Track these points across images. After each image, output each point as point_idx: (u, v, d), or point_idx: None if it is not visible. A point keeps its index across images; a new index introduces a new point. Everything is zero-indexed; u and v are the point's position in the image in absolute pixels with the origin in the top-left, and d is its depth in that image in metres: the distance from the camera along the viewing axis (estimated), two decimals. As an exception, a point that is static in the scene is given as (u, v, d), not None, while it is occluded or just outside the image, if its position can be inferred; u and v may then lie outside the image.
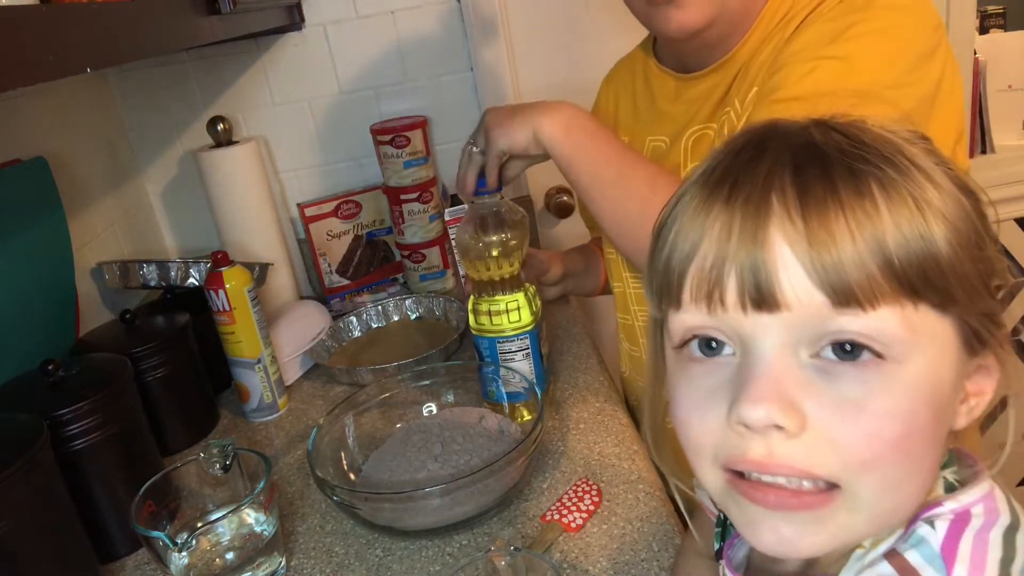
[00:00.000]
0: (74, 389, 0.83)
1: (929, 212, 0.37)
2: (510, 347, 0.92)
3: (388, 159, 1.35)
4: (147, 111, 1.38)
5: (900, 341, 0.37)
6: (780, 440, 0.38)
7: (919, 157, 0.39)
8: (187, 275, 1.13)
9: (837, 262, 0.36)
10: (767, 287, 0.37)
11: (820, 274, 0.36)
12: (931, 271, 0.37)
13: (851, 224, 0.36)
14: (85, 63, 0.52)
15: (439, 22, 1.38)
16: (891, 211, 0.37)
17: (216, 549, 0.76)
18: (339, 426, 0.91)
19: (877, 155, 0.38)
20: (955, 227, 0.38)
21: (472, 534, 0.79)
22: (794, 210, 0.37)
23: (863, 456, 0.37)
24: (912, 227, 0.37)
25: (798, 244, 0.37)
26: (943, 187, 0.39)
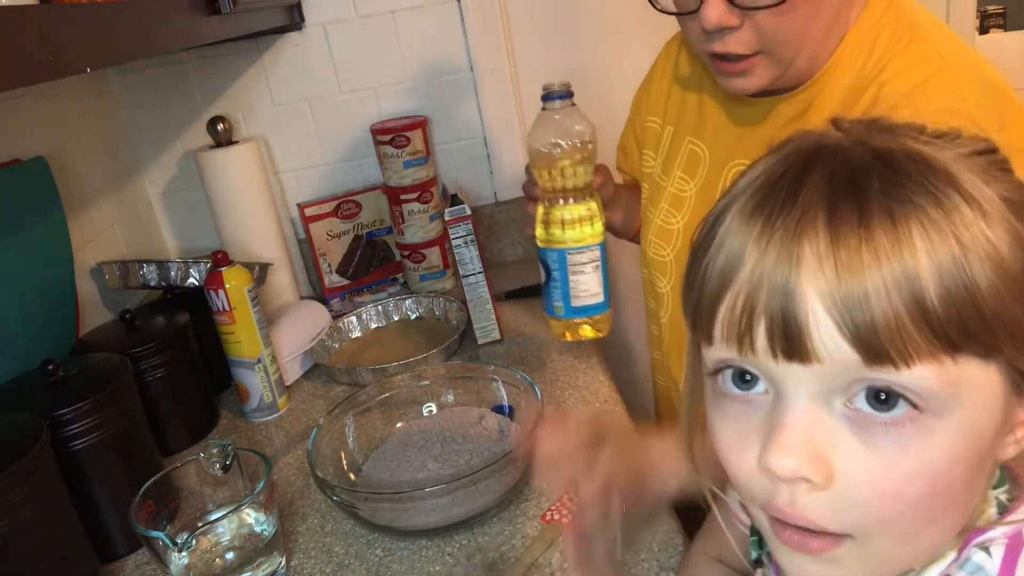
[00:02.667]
0: (74, 389, 0.83)
1: (974, 256, 0.35)
2: (580, 259, 0.85)
3: (388, 159, 1.35)
4: (147, 111, 1.38)
5: (938, 395, 0.35)
6: (805, 491, 0.38)
7: (972, 184, 0.36)
8: (187, 275, 1.13)
9: (869, 321, 0.35)
10: (797, 340, 0.36)
11: (852, 331, 0.35)
12: (973, 323, 0.35)
13: (886, 277, 0.35)
14: (85, 63, 0.52)
15: (439, 22, 1.38)
16: (931, 259, 0.35)
17: (216, 549, 0.76)
18: (339, 426, 0.91)
19: (922, 192, 0.36)
20: (1005, 269, 0.35)
21: (472, 534, 0.79)
22: (827, 261, 0.35)
23: (884, 515, 0.37)
24: (954, 277, 0.35)
25: (828, 299, 0.35)
26: (995, 218, 0.36)
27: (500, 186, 1.50)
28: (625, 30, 1.47)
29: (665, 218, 0.94)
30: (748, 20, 0.71)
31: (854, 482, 0.37)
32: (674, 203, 0.93)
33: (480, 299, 1.16)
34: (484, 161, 1.48)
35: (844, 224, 0.35)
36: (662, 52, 1.01)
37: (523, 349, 1.16)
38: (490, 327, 1.18)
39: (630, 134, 1.06)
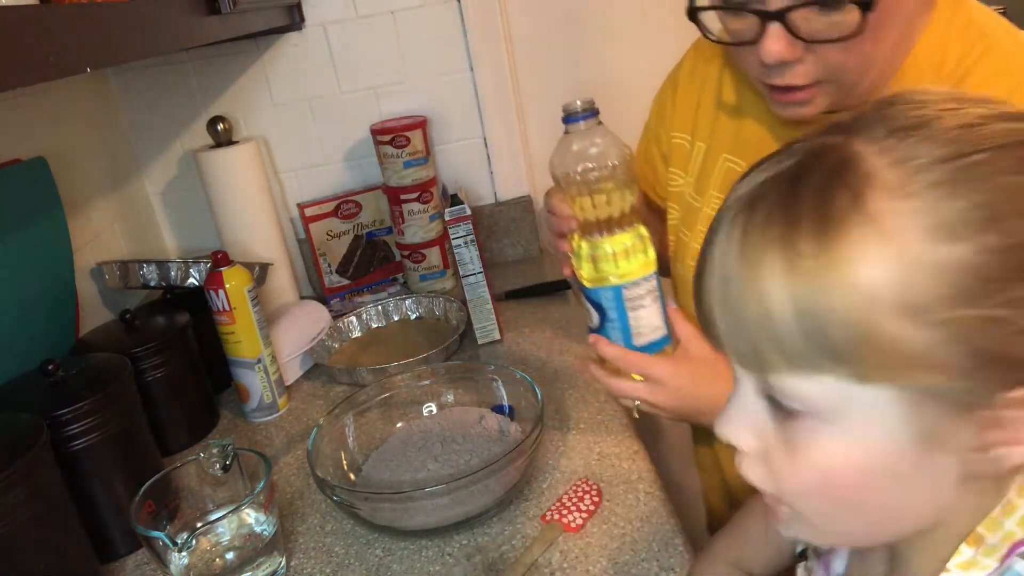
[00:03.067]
0: (74, 389, 0.83)
1: (836, 284, 0.36)
2: (637, 292, 0.74)
3: (388, 159, 1.35)
4: (147, 111, 1.38)
5: (815, 404, 0.39)
6: (743, 456, 0.44)
7: (886, 206, 0.36)
8: (187, 275, 1.13)
9: (736, 332, 0.40)
10: (714, 339, 0.43)
11: (729, 341, 0.41)
12: (826, 347, 0.37)
13: (750, 294, 0.39)
14: (85, 63, 0.52)
15: (439, 22, 1.38)
16: (787, 283, 0.37)
17: (216, 549, 0.76)
18: (339, 426, 0.91)
19: (811, 214, 0.37)
20: (872, 298, 0.36)
21: (472, 534, 0.79)
22: (719, 271, 0.41)
23: (791, 492, 0.42)
24: (808, 304, 0.37)
25: (718, 306, 0.41)
26: (886, 243, 0.36)
27: (500, 186, 1.50)
28: (626, 29, 1.47)
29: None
30: (811, 52, 0.65)
31: (769, 459, 0.42)
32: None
33: (480, 299, 1.16)
34: (484, 161, 1.48)
35: (749, 237, 0.39)
36: (685, 62, 0.93)
37: (523, 349, 1.16)
38: (490, 327, 1.18)
39: (654, 149, 0.97)
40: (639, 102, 1.51)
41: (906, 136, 0.38)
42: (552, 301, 1.30)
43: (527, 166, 1.50)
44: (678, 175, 0.91)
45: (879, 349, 0.36)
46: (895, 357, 0.36)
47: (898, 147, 0.37)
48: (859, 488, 0.40)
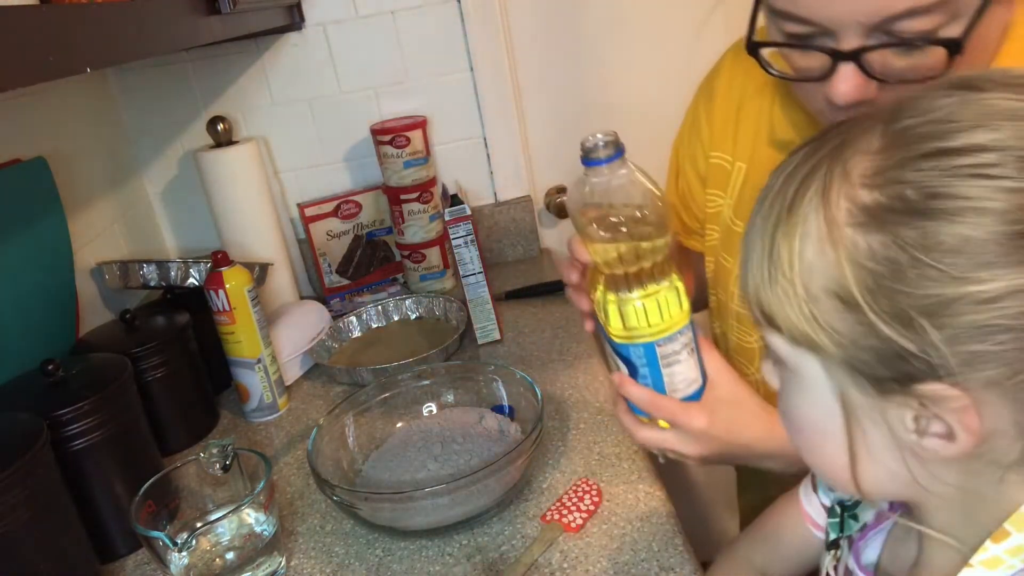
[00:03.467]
0: (74, 389, 0.83)
1: (780, 261, 0.42)
2: (673, 347, 0.66)
3: (388, 159, 1.35)
4: (147, 111, 1.38)
5: (783, 356, 0.45)
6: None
7: (836, 200, 0.41)
8: (187, 275, 1.13)
9: (744, 294, 0.47)
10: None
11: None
12: (765, 309, 0.44)
13: (743, 263, 0.46)
14: (85, 63, 0.52)
15: (439, 22, 1.38)
16: (758, 253, 0.44)
17: (216, 549, 0.76)
18: (339, 426, 0.91)
19: (798, 195, 0.42)
20: (790, 276, 0.42)
21: (472, 534, 0.79)
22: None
23: (783, 426, 0.50)
24: (760, 273, 0.44)
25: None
26: (824, 237, 0.41)
27: (500, 186, 1.50)
28: (626, 29, 1.47)
29: None
30: (886, 89, 0.59)
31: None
32: None
33: (480, 299, 1.16)
34: (484, 161, 1.48)
35: (759, 200, 0.46)
36: (719, 81, 0.87)
37: (523, 349, 1.16)
38: (490, 327, 1.18)
39: (689, 172, 0.92)
40: (639, 102, 1.52)
41: (897, 147, 0.41)
42: (552, 301, 1.30)
43: (527, 166, 1.50)
44: (717, 195, 0.87)
45: (801, 321, 0.42)
46: (812, 331, 0.42)
47: (887, 152, 0.40)
48: (809, 436, 0.47)
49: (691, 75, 1.50)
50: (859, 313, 0.39)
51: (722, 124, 0.86)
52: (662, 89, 1.51)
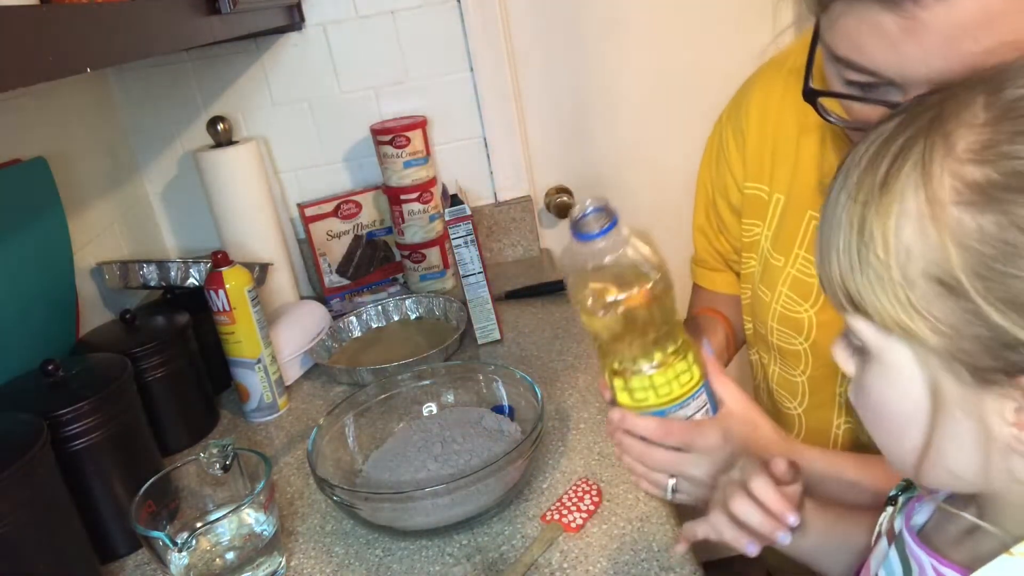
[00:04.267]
0: (74, 389, 0.83)
1: (869, 244, 0.40)
2: (685, 412, 0.64)
3: (388, 159, 1.35)
4: (147, 111, 1.38)
5: (869, 342, 0.43)
6: (851, 381, 0.48)
7: (937, 179, 0.38)
8: (187, 275, 1.13)
9: (820, 270, 0.44)
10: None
11: (822, 280, 0.45)
12: (852, 295, 0.41)
13: (826, 232, 0.43)
14: (85, 63, 0.52)
15: (439, 22, 1.38)
16: (841, 236, 0.41)
17: (216, 549, 0.76)
18: (339, 426, 0.91)
19: (886, 175, 0.40)
20: (887, 261, 0.39)
21: (472, 534, 0.79)
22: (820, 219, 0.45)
23: (860, 414, 0.47)
24: (848, 257, 0.41)
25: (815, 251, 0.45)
26: (926, 215, 0.38)
27: (500, 186, 1.50)
28: (626, 30, 1.47)
29: (787, 304, 0.81)
30: None
31: (854, 385, 0.47)
32: (798, 288, 0.79)
33: (480, 299, 1.16)
34: (484, 161, 1.48)
35: (842, 177, 0.43)
36: (751, 112, 0.84)
37: (523, 349, 1.16)
38: (490, 327, 1.18)
39: (721, 202, 0.90)
40: (639, 102, 1.52)
41: (1006, 121, 0.38)
42: (552, 301, 1.30)
43: (527, 166, 1.50)
44: (755, 224, 0.85)
45: (895, 307, 0.39)
46: (908, 318, 0.39)
47: (997, 124, 0.38)
48: (892, 425, 0.44)
49: (691, 75, 1.50)
50: (965, 299, 0.37)
51: (757, 157, 0.84)
52: (662, 89, 1.51)
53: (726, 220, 0.90)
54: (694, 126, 1.38)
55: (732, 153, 0.87)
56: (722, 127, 0.89)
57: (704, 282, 0.97)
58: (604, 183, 1.57)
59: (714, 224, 0.93)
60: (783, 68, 0.81)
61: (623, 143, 1.54)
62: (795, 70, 0.77)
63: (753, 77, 0.86)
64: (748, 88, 0.86)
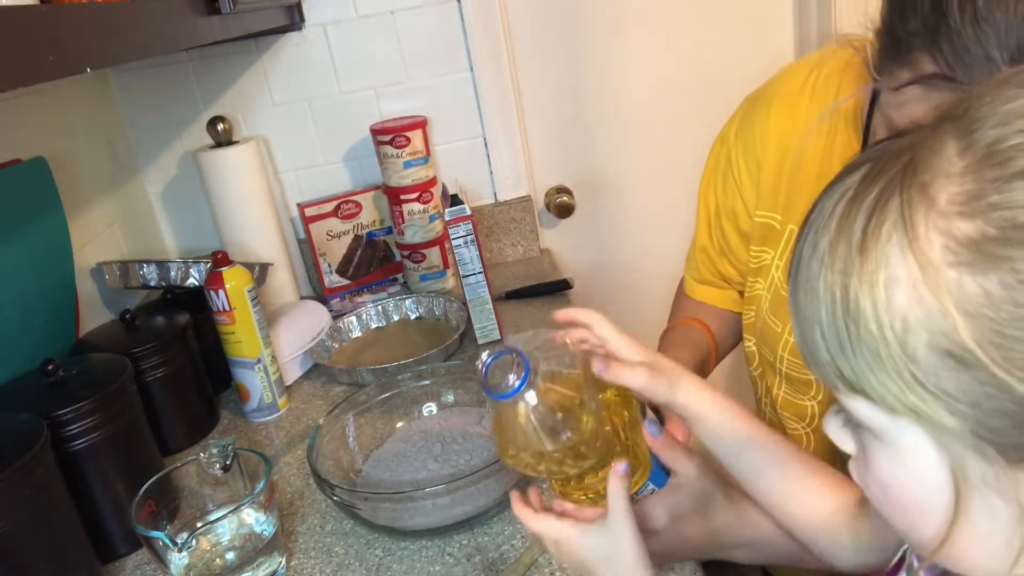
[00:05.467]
0: (74, 389, 0.83)
1: (856, 315, 0.35)
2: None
3: (388, 159, 1.35)
4: (147, 111, 1.38)
5: (870, 423, 0.38)
6: (851, 459, 0.43)
7: (924, 236, 0.33)
8: (187, 275, 1.13)
9: (801, 347, 0.40)
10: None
11: (804, 356, 0.40)
12: (846, 376, 0.37)
13: (801, 320, 0.38)
14: (85, 63, 0.52)
15: (439, 22, 1.38)
16: (823, 310, 0.37)
17: (216, 549, 0.76)
18: (339, 426, 0.91)
19: (859, 235, 0.35)
20: (881, 332, 0.34)
21: (472, 534, 0.79)
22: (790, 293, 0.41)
23: (869, 496, 0.42)
24: (833, 331, 0.36)
25: (795, 328, 0.41)
26: (913, 280, 0.34)
27: (500, 186, 1.50)
28: (626, 30, 1.47)
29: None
30: None
31: (858, 464, 0.42)
32: None
33: (480, 299, 1.16)
34: (484, 161, 1.48)
35: (810, 247, 0.38)
36: (769, 141, 0.82)
37: (523, 349, 1.15)
38: (490, 327, 1.18)
39: (727, 225, 0.90)
40: (640, 102, 1.52)
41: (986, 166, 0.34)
42: (552, 301, 1.30)
43: (527, 166, 1.50)
44: (765, 252, 0.84)
45: (900, 387, 0.35)
46: (918, 398, 0.34)
47: (978, 171, 0.34)
48: (909, 510, 0.39)
49: (691, 75, 1.50)
50: (982, 371, 0.32)
51: (772, 186, 0.82)
52: (662, 89, 1.51)
53: (732, 243, 0.89)
54: (694, 125, 1.38)
55: (743, 178, 0.85)
56: (729, 147, 0.87)
57: (702, 297, 0.97)
58: (604, 183, 1.57)
59: (717, 245, 0.92)
60: (803, 95, 0.78)
61: (623, 143, 1.54)
62: (816, 95, 0.76)
63: (766, 98, 0.83)
64: (762, 111, 0.83)
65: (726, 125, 0.89)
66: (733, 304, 0.95)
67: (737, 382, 1.73)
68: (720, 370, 1.72)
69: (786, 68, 0.84)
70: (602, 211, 1.60)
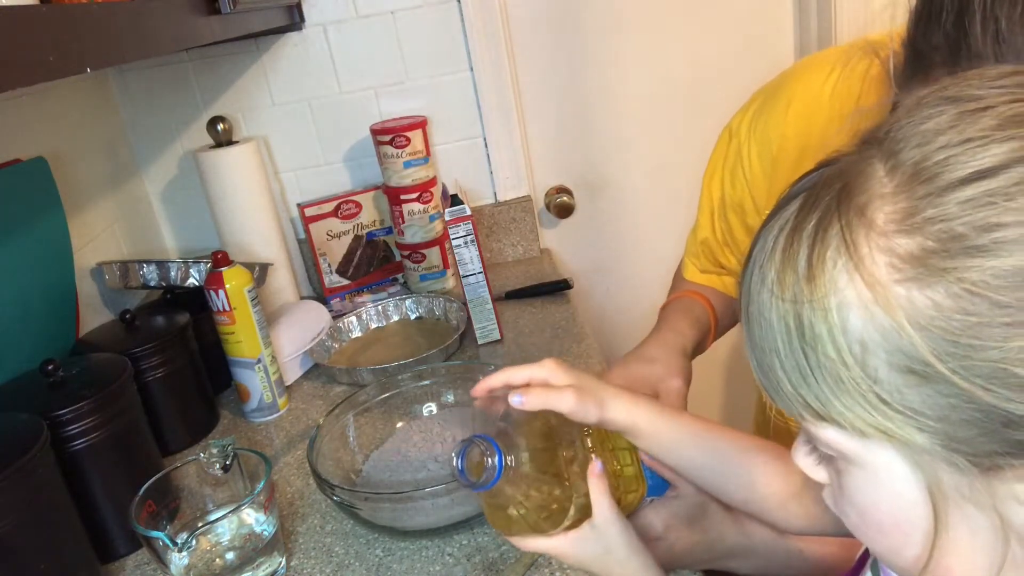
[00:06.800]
0: (74, 389, 0.83)
1: (810, 337, 0.35)
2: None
3: (388, 159, 1.35)
4: (147, 111, 1.38)
5: (839, 448, 0.38)
6: (824, 488, 0.44)
7: (871, 249, 0.34)
8: (187, 275, 1.13)
9: (759, 377, 0.40)
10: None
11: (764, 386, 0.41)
12: (811, 404, 0.37)
13: (758, 351, 0.39)
14: (85, 63, 0.52)
15: (439, 22, 1.38)
16: (778, 336, 0.37)
17: (216, 549, 0.76)
18: (339, 426, 0.91)
19: (807, 251, 0.36)
20: (837, 352, 0.34)
21: (472, 534, 0.79)
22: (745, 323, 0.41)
23: (848, 523, 0.42)
24: (789, 353, 0.37)
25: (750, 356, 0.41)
26: (860, 300, 0.34)
27: (500, 186, 1.50)
28: (627, 29, 1.47)
29: None
30: None
31: (833, 492, 0.43)
32: None
33: (480, 299, 1.16)
34: (484, 161, 1.48)
35: (758, 282, 0.39)
36: (787, 138, 0.81)
37: (523, 349, 1.16)
38: (490, 327, 1.18)
39: (734, 218, 0.89)
40: (640, 102, 1.52)
41: (916, 183, 0.34)
42: (552, 301, 1.30)
43: (527, 166, 1.50)
44: None
45: (866, 409, 0.35)
46: (884, 418, 0.35)
47: (909, 189, 0.34)
48: (889, 532, 0.39)
49: (691, 74, 1.50)
50: (943, 384, 0.33)
51: (787, 185, 0.81)
52: (662, 88, 1.52)
53: (738, 236, 0.89)
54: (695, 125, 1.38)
55: (756, 174, 0.84)
56: (740, 141, 0.86)
57: (702, 281, 0.97)
58: (604, 183, 1.57)
59: (721, 236, 0.92)
60: (823, 95, 0.77)
61: (623, 143, 1.54)
62: (837, 96, 0.75)
63: (784, 96, 0.81)
64: (779, 109, 0.81)
65: (736, 117, 0.88)
66: (732, 289, 0.95)
67: (737, 381, 1.73)
68: (720, 370, 1.73)
69: (805, 63, 0.82)
70: (602, 211, 1.60)
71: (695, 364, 0.86)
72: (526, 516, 0.60)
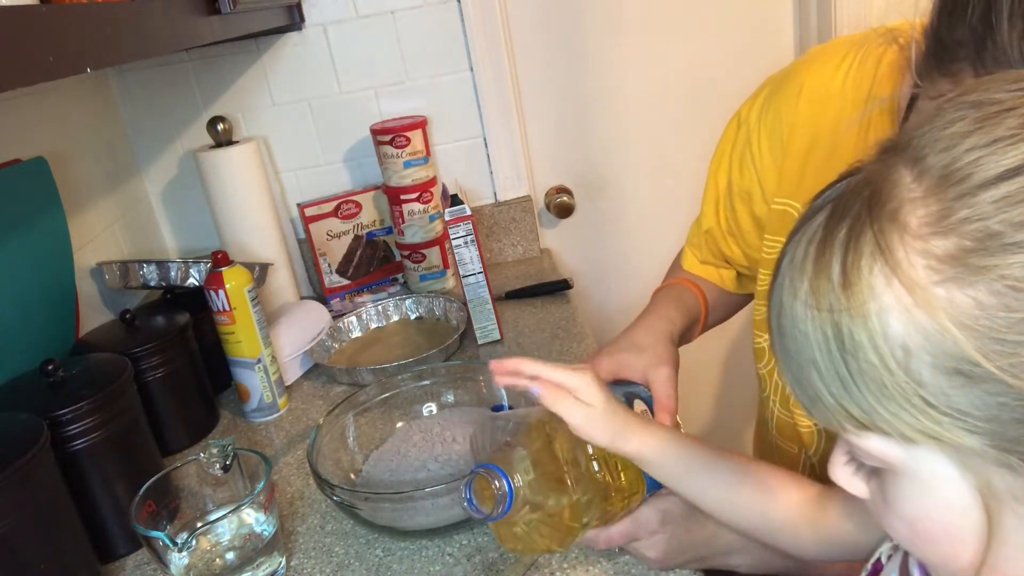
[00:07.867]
0: (74, 389, 0.83)
1: (850, 347, 0.35)
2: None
3: (388, 159, 1.35)
4: (147, 111, 1.38)
5: (890, 461, 0.38)
6: (868, 502, 0.43)
7: (907, 256, 0.34)
8: (187, 275, 1.13)
9: (797, 394, 0.40)
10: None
11: (802, 404, 0.40)
12: (855, 415, 0.37)
13: (794, 367, 0.39)
14: (85, 63, 0.52)
15: (439, 22, 1.38)
16: (818, 349, 0.37)
17: (216, 549, 0.76)
18: (339, 426, 0.91)
19: (840, 261, 0.36)
20: (882, 362, 0.34)
21: (472, 534, 0.79)
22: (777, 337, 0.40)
23: (895, 537, 0.42)
24: (829, 365, 0.36)
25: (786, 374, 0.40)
26: (902, 304, 0.34)
27: (500, 186, 1.50)
28: (627, 29, 1.47)
29: None
30: None
31: (876, 506, 0.42)
32: None
33: (480, 299, 1.16)
34: (484, 161, 1.48)
35: (790, 295, 0.38)
36: (797, 125, 0.79)
37: (523, 349, 1.16)
38: (490, 327, 1.18)
39: (740, 207, 0.87)
40: (640, 102, 1.52)
41: (946, 185, 0.34)
42: (552, 301, 1.30)
43: (527, 166, 1.50)
44: (777, 242, 0.81)
45: (913, 414, 0.35)
46: (932, 422, 0.34)
47: (939, 192, 0.35)
48: (940, 540, 0.39)
49: (692, 74, 1.50)
50: (991, 382, 0.33)
51: (797, 173, 0.79)
52: (662, 88, 1.52)
53: (744, 226, 0.88)
54: (695, 125, 1.38)
55: (765, 162, 0.82)
56: (749, 129, 0.84)
57: (700, 272, 0.96)
58: (604, 183, 1.57)
59: (725, 224, 0.90)
60: (835, 82, 0.75)
61: (623, 143, 1.54)
62: (850, 84, 0.74)
63: (795, 83, 0.79)
64: (791, 96, 0.79)
65: (745, 105, 0.86)
66: (729, 284, 0.95)
67: (737, 379, 1.73)
68: (719, 369, 1.73)
69: (817, 51, 0.80)
70: (602, 211, 1.60)
71: (694, 366, 0.87)
72: (544, 525, 0.61)
